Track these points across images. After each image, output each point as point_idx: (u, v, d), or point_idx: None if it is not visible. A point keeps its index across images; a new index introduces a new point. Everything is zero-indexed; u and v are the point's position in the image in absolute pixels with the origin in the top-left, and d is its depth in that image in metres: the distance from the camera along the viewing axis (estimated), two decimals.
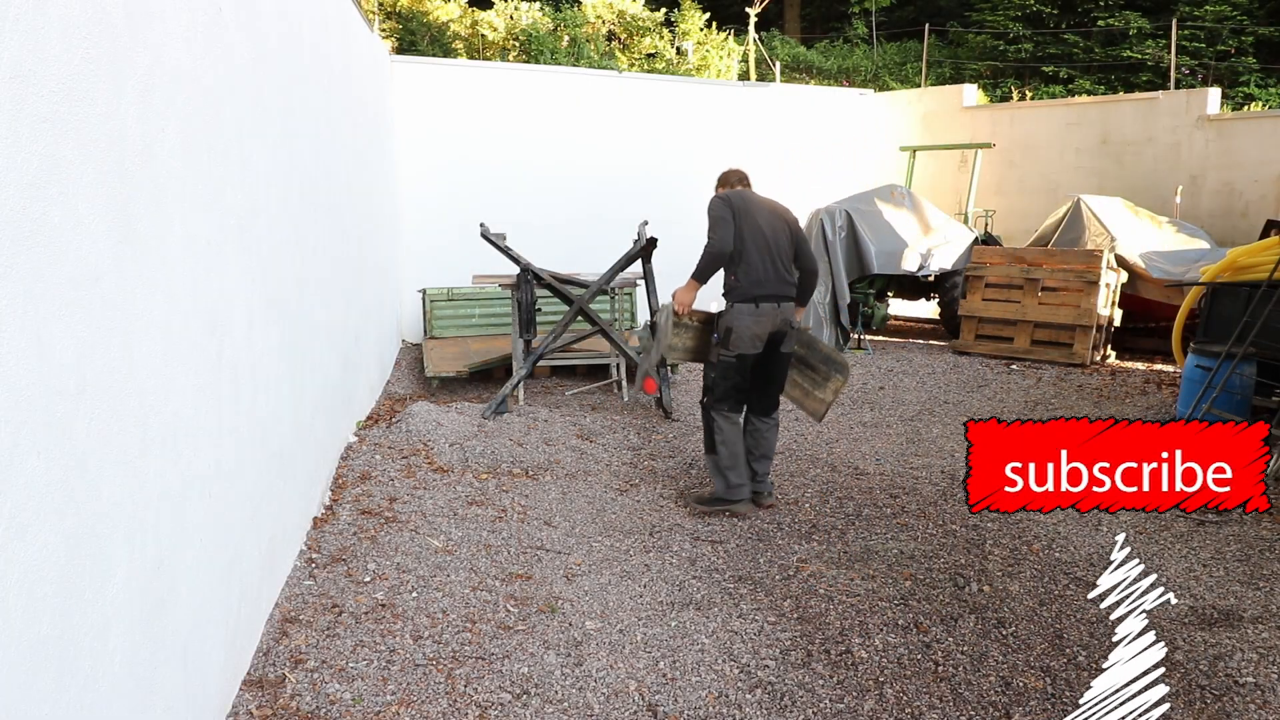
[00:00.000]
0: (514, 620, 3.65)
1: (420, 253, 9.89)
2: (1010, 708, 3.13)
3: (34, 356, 1.74)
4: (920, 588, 4.02)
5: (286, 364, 3.97)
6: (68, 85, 1.90)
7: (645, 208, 10.31)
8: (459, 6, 16.22)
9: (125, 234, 2.19)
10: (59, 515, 1.83)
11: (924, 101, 12.63)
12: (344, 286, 5.71)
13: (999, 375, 8.36)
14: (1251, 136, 9.87)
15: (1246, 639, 3.56)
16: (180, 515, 2.55)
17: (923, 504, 5.07)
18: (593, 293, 6.92)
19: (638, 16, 17.05)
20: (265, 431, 3.55)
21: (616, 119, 10.80)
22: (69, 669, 1.86)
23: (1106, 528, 4.71)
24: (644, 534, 4.62)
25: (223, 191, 3.05)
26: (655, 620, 3.71)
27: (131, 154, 2.24)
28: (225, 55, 3.14)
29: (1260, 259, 6.66)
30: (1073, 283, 8.67)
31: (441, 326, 9.24)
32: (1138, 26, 17.04)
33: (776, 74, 14.68)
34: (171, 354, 2.49)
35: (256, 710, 2.98)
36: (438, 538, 4.42)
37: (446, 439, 5.82)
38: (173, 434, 2.49)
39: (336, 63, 5.76)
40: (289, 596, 3.74)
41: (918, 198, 10.20)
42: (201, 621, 2.71)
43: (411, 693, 3.12)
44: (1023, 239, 11.03)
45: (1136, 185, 10.59)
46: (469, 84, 10.07)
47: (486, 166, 10.12)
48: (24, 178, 1.71)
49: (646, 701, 3.14)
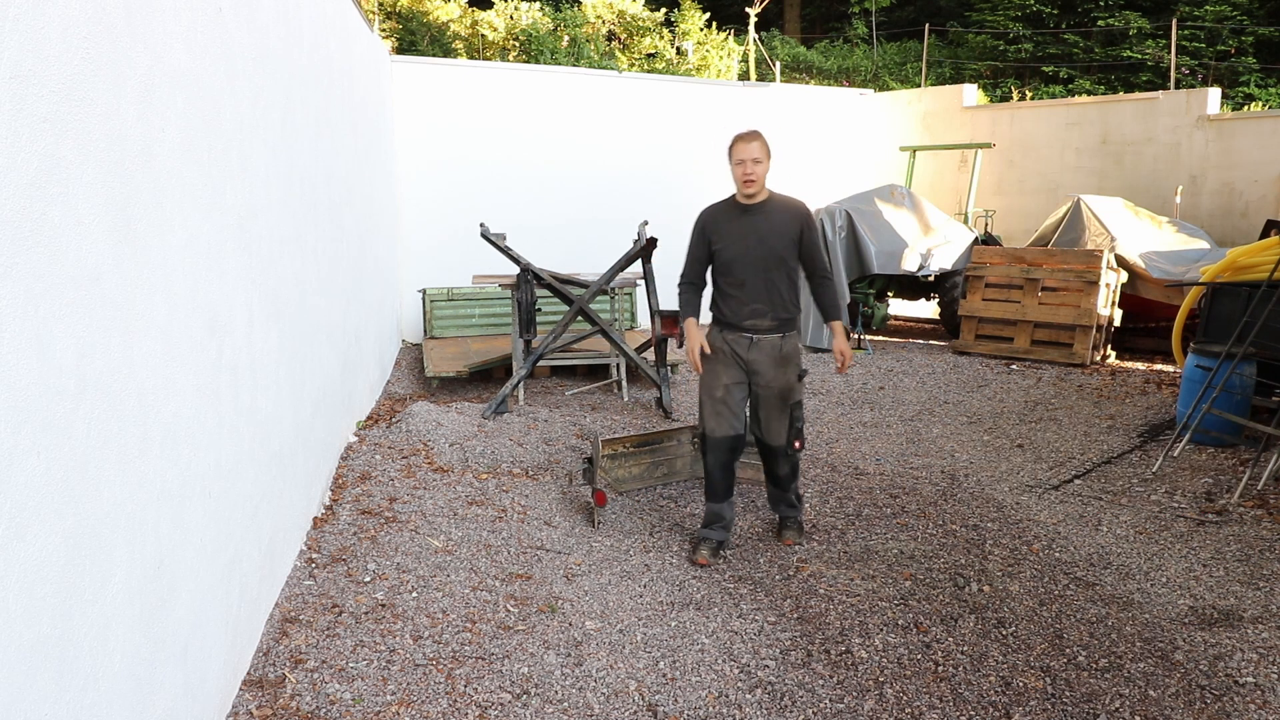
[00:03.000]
0: (514, 620, 3.65)
1: (420, 253, 9.90)
2: (1010, 708, 3.13)
3: (34, 356, 1.74)
4: (920, 588, 4.02)
5: (286, 364, 3.97)
6: (68, 85, 1.90)
7: (645, 208, 10.35)
8: (459, 6, 16.22)
9: (125, 234, 2.19)
10: (59, 515, 1.83)
11: (924, 101, 12.63)
12: (344, 286, 5.71)
13: (999, 375, 8.36)
14: (1251, 136, 9.87)
15: (1246, 639, 3.56)
16: (180, 515, 2.55)
17: (923, 504, 5.07)
18: (593, 293, 6.92)
19: (638, 16, 17.06)
20: (265, 431, 3.55)
21: (616, 119, 10.80)
22: (69, 669, 1.86)
23: (1107, 528, 4.71)
24: (644, 534, 4.62)
25: (223, 191, 3.05)
26: (655, 620, 3.71)
27: (131, 154, 2.24)
28: (225, 55, 3.14)
29: (1260, 259, 6.67)
30: (1073, 283, 8.67)
31: (441, 326, 9.24)
32: (1138, 26, 17.04)
33: (776, 74, 14.68)
34: (171, 354, 2.49)
35: (256, 710, 2.98)
36: (438, 538, 4.42)
37: (446, 439, 5.82)
38: (173, 434, 2.49)
39: (337, 63, 5.76)
40: (289, 596, 3.74)
41: (918, 198, 10.20)
42: (201, 621, 2.71)
43: (411, 693, 3.12)
44: (1023, 239, 11.04)
45: (1136, 185, 10.59)
46: (469, 84, 10.07)
47: (486, 166, 10.13)
48: (24, 178, 1.71)
49: (646, 701, 3.14)
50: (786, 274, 4.21)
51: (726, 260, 4.23)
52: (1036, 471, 5.65)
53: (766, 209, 4.20)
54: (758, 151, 4.10)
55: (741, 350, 4.24)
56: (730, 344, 4.26)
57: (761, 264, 4.16)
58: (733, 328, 4.25)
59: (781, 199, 4.26)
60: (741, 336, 4.23)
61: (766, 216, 4.18)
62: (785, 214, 4.22)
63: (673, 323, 6.77)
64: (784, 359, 4.24)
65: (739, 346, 4.24)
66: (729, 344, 4.26)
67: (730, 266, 4.22)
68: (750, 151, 4.10)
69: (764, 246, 4.16)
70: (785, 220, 4.20)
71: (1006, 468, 5.72)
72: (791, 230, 4.20)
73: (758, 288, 4.18)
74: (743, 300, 4.21)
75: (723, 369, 4.27)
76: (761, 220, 4.18)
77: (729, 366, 4.27)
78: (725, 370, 4.27)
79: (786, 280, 4.21)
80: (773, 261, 4.17)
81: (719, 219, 4.29)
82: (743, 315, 4.21)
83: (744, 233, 4.18)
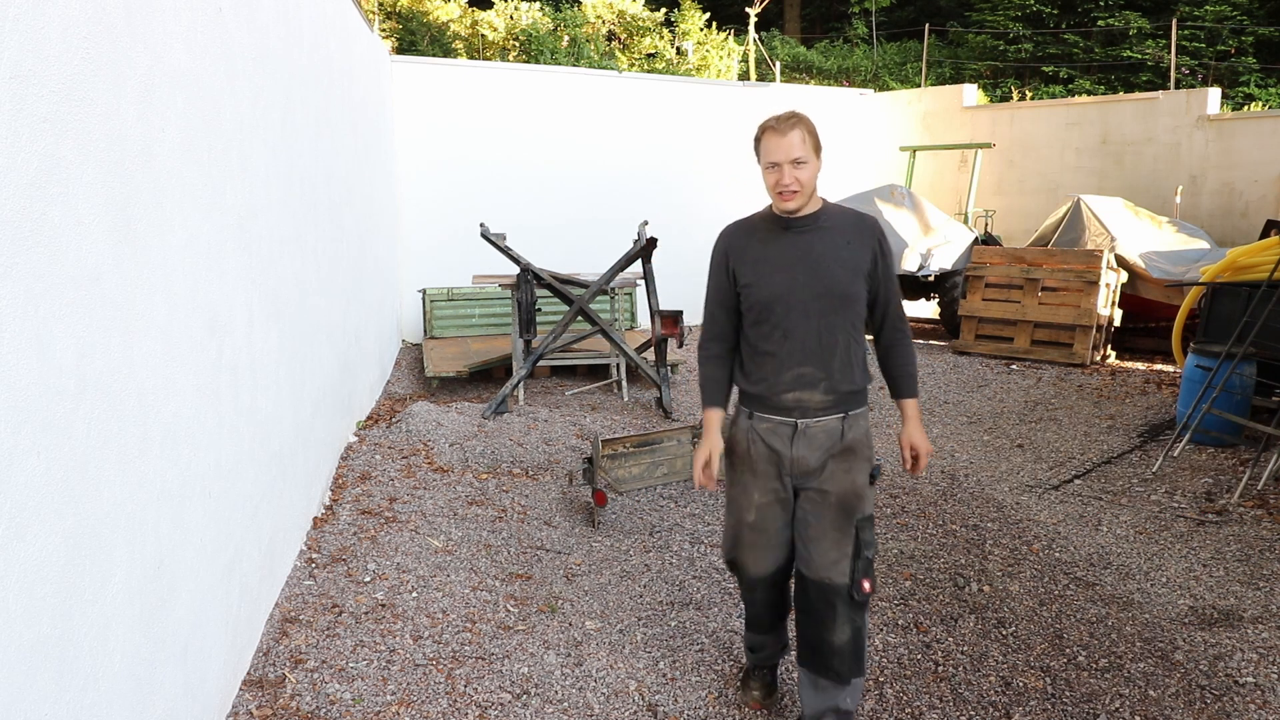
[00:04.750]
0: (514, 620, 3.65)
1: (420, 253, 9.90)
2: (1010, 708, 3.13)
3: (34, 356, 1.74)
4: (920, 588, 4.02)
5: (286, 364, 3.97)
6: (68, 85, 1.90)
7: (645, 208, 10.35)
8: (459, 6, 16.23)
9: (125, 234, 2.19)
10: (59, 515, 1.83)
11: (924, 101, 12.63)
12: (344, 286, 5.71)
13: (999, 375, 8.36)
14: (1251, 136, 9.87)
15: (1246, 639, 3.56)
16: (180, 515, 2.55)
17: (923, 504, 5.07)
18: (593, 293, 6.92)
19: (638, 16, 17.06)
20: (265, 431, 3.55)
21: (616, 119, 10.80)
22: (69, 669, 1.86)
23: (1107, 528, 4.72)
24: (644, 534, 4.62)
25: (223, 191, 3.05)
26: (655, 620, 3.71)
27: (131, 154, 2.24)
28: (225, 55, 3.14)
29: (1260, 259, 6.67)
30: (1073, 283, 8.67)
31: (441, 326, 9.25)
32: (1138, 26, 17.04)
33: (776, 74, 14.67)
34: (171, 354, 2.49)
35: (256, 710, 2.98)
36: (438, 538, 4.42)
37: (446, 439, 5.83)
38: (173, 434, 2.49)
39: (337, 63, 5.76)
40: (289, 596, 3.74)
41: (918, 198, 10.21)
42: (201, 621, 2.71)
43: (411, 693, 3.12)
44: (1023, 239, 11.04)
45: (1136, 185, 10.59)
46: (469, 84, 10.07)
47: (486, 166, 10.13)
48: (24, 178, 1.71)
49: (646, 701, 3.14)
50: (851, 321, 2.73)
51: (762, 301, 2.74)
52: (1036, 471, 5.65)
53: (821, 224, 2.73)
54: (799, 148, 2.61)
55: (780, 445, 2.75)
56: (764, 437, 2.77)
57: (816, 306, 2.69)
58: (768, 407, 2.77)
59: (842, 211, 2.80)
60: (781, 423, 2.75)
61: (822, 235, 2.72)
62: (850, 232, 2.74)
63: (672, 322, 6.77)
64: (847, 452, 2.74)
65: (776, 440, 2.76)
66: (762, 437, 2.78)
67: (766, 311, 2.73)
68: (788, 149, 2.61)
69: (820, 280, 2.68)
70: (851, 242, 2.73)
71: (1006, 468, 5.72)
72: (861, 258, 2.72)
73: (809, 342, 2.70)
74: (784, 362, 2.72)
75: (752, 479, 2.82)
76: (816, 240, 2.71)
77: (762, 474, 2.80)
78: (756, 481, 2.81)
79: (851, 331, 2.74)
80: (834, 302, 2.69)
81: (747, 241, 2.81)
82: (782, 385, 2.73)
83: (788, 259, 2.72)
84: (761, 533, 2.84)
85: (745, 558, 2.90)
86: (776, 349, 2.74)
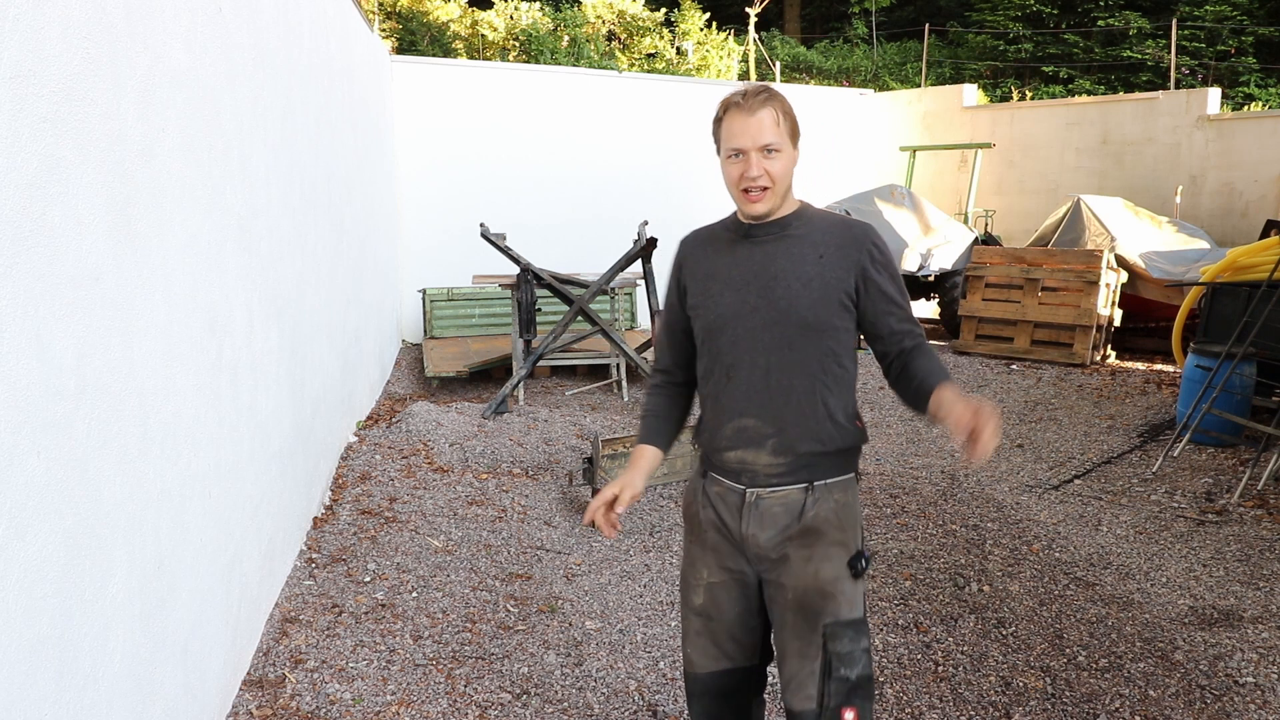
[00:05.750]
0: (514, 620, 3.65)
1: (420, 253, 9.91)
2: (1010, 708, 3.13)
3: (34, 356, 1.74)
4: (920, 588, 4.02)
5: (286, 364, 3.97)
6: (68, 85, 1.90)
7: (645, 208, 10.34)
8: (459, 6, 16.23)
9: (125, 234, 2.19)
10: (59, 515, 1.83)
11: (924, 101, 12.63)
12: (344, 286, 5.71)
13: (999, 375, 8.36)
14: (1251, 136, 9.88)
15: (1246, 639, 3.56)
16: (180, 515, 2.55)
17: (923, 504, 5.07)
18: (593, 293, 6.92)
19: (638, 16, 17.06)
20: (265, 431, 3.55)
21: (616, 119, 10.80)
22: (69, 669, 1.86)
23: (1106, 528, 4.72)
24: (644, 534, 4.62)
25: (223, 191, 3.05)
26: (655, 620, 3.71)
27: (131, 154, 2.24)
28: (225, 55, 3.14)
29: (1260, 259, 6.67)
30: (1073, 283, 8.67)
31: (441, 326, 9.25)
32: (1138, 26, 17.05)
33: (776, 74, 14.68)
34: (171, 354, 2.49)
35: (256, 710, 2.98)
36: (438, 538, 4.42)
37: (446, 439, 5.83)
38: (172, 434, 2.49)
39: (337, 63, 5.76)
40: (289, 596, 3.74)
41: (918, 198, 10.21)
42: (201, 621, 2.71)
43: (411, 693, 3.12)
44: (1023, 239, 11.03)
45: (1136, 185, 10.59)
46: (469, 84, 10.07)
47: (486, 166, 10.13)
48: (24, 178, 1.71)
49: (646, 701, 3.14)
50: (817, 360, 2.05)
51: (705, 327, 2.13)
52: (1036, 471, 5.65)
53: (790, 232, 2.08)
54: (770, 132, 2.01)
55: (729, 517, 2.12)
56: (713, 503, 2.15)
57: (767, 337, 2.04)
58: (713, 466, 2.17)
59: (823, 216, 2.14)
60: (730, 489, 2.12)
61: (787, 246, 2.07)
62: (827, 243, 2.06)
63: None
64: (809, 534, 2.06)
65: (724, 509, 2.13)
66: (712, 502, 2.16)
67: (710, 341, 2.12)
68: (757, 132, 2.00)
69: (772, 304, 2.04)
70: (825, 255, 2.05)
71: (1006, 468, 5.72)
72: (837, 275, 2.05)
73: (754, 384, 2.06)
74: (725, 409, 2.10)
75: (700, 552, 2.19)
76: (779, 252, 2.07)
77: (713, 548, 2.16)
78: (705, 555, 2.18)
79: (818, 374, 2.05)
80: (789, 333, 2.03)
81: (703, 252, 2.18)
82: (722, 440, 2.11)
83: (740, 276, 2.09)
84: (708, 619, 2.17)
85: (688, 649, 2.22)
86: (717, 391, 2.11)
